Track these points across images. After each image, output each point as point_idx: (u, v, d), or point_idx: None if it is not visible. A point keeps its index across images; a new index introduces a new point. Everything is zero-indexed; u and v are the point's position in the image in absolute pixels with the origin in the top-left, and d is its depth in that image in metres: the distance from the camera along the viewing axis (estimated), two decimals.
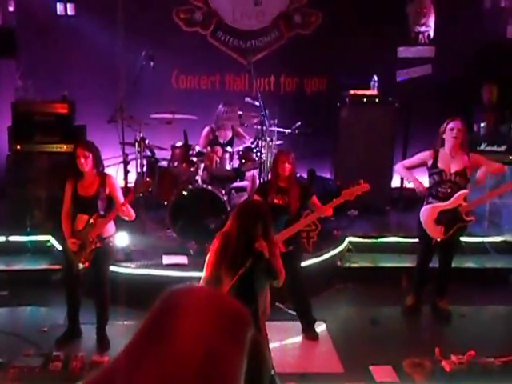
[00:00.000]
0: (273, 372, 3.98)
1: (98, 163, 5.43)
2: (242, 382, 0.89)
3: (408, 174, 6.36)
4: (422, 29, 8.62)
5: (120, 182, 7.55)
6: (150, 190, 6.07)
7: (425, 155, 6.12)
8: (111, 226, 5.52)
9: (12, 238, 7.16)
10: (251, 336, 0.98)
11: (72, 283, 5.51)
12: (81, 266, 5.35)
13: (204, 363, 0.84)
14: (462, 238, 6.54)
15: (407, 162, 6.44)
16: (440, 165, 5.99)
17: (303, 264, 6.13)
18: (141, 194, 5.60)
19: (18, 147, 7.56)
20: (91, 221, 5.31)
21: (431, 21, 8.62)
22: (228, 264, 4.01)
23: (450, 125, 5.94)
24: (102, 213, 5.36)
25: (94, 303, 5.56)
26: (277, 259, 4.19)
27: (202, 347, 0.85)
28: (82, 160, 5.28)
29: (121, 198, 5.43)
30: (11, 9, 8.68)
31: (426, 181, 6.29)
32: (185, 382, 0.80)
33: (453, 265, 6.31)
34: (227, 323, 0.93)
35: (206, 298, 0.96)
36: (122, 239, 6.71)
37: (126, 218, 5.51)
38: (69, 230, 5.39)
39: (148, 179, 6.22)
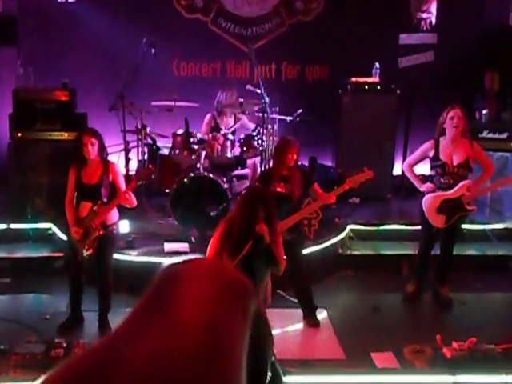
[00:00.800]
0: (274, 358, 4.00)
1: (103, 150, 5.45)
2: (245, 353, 0.88)
3: (415, 179, 6.28)
4: (424, 15, 8.58)
5: (121, 170, 7.56)
6: (152, 177, 6.06)
7: (426, 147, 6.08)
8: (114, 214, 5.53)
9: (13, 226, 7.17)
10: (255, 308, 0.97)
11: (75, 270, 5.52)
12: (85, 253, 5.36)
13: (205, 333, 0.83)
14: (464, 226, 6.54)
15: (412, 159, 6.35)
16: (442, 157, 5.96)
17: (304, 252, 6.13)
18: (143, 182, 5.58)
19: (19, 135, 7.55)
20: (95, 208, 5.32)
21: (433, 7, 8.59)
22: (230, 250, 4.03)
23: (450, 113, 5.90)
24: (105, 200, 5.36)
25: (96, 290, 5.57)
26: (278, 247, 4.20)
27: (203, 316, 0.84)
28: (90, 147, 5.28)
29: (123, 185, 5.44)
30: None
31: (427, 170, 6.28)
32: (186, 351, 0.79)
33: (454, 252, 6.30)
34: (230, 293, 0.92)
35: (208, 268, 0.95)
36: (123, 227, 6.73)
37: (128, 206, 5.52)
38: (73, 217, 5.39)
39: (150, 166, 6.22)
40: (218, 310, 0.86)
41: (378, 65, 8.34)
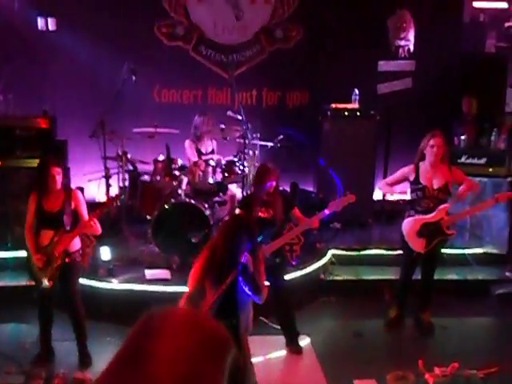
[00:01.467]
0: None
1: (64, 179, 5.35)
2: None
3: (390, 190, 6.42)
4: (402, 43, 8.71)
5: (102, 197, 7.53)
6: (118, 202, 5.96)
7: (406, 170, 6.16)
8: (76, 241, 5.41)
9: None
10: (232, 360, 0.97)
11: (41, 300, 5.38)
12: (45, 283, 5.22)
13: None
14: (444, 250, 6.58)
15: (390, 179, 6.47)
16: (422, 180, 6.03)
17: (286, 277, 6.12)
18: (109, 208, 5.50)
19: None
20: (56, 237, 5.20)
21: (411, 35, 8.72)
22: (212, 279, 4.01)
23: (431, 141, 5.98)
24: (67, 228, 5.26)
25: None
26: (260, 275, 4.19)
27: (178, 369, 0.84)
28: (57, 177, 5.19)
29: (86, 213, 5.33)
30: None
31: (407, 194, 6.33)
32: None
33: (435, 276, 6.34)
34: (207, 346, 0.92)
35: (185, 321, 0.95)
36: (104, 254, 6.68)
37: (93, 234, 5.46)
38: (33, 245, 5.26)
39: (115, 194, 6.13)
40: (194, 362, 0.86)
41: (357, 91, 8.43)
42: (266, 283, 4.34)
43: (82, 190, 7.87)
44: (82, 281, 6.34)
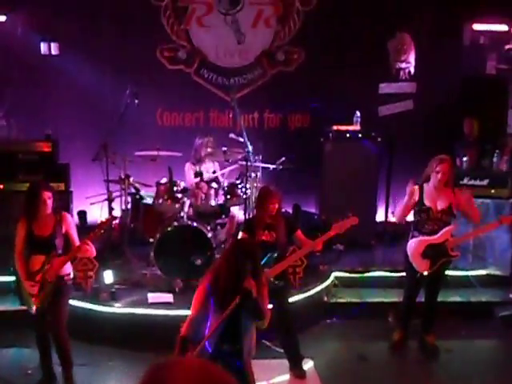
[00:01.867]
0: None
1: (55, 203, 5.24)
2: None
3: (405, 219, 6.33)
4: (403, 65, 8.77)
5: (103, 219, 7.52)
6: (112, 225, 5.86)
7: (412, 192, 6.13)
8: (67, 265, 5.31)
9: None
10: None
11: (36, 326, 5.29)
12: (33, 308, 5.13)
13: None
14: (447, 272, 6.55)
15: (404, 208, 6.23)
16: (427, 202, 6.03)
17: (290, 300, 6.09)
18: (103, 231, 5.43)
19: (1, 186, 7.52)
20: (48, 262, 5.11)
21: (411, 57, 8.78)
22: (216, 302, 3.99)
23: (438, 168, 5.96)
24: (59, 252, 5.19)
25: (77, 343, 5.43)
26: (264, 299, 4.17)
27: None
28: (48, 202, 5.12)
29: (76, 237, 5.27)
30: None
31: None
32: None
33: (438, 299, 6.31)
34: None
35: (193, 371, 0.95)
36: (106, 277, 6.66)
37: (87, 257, 5.42)
38: (24, 271, 5.17)
39: (108, 217, 6.05)
40: None
41: (358, 113, 8.46)
42: (269, 306, 4.32)
43: (84, 213, 7.94)
44: (85, 305, 6.35)
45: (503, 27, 8.98)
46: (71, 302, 6.02)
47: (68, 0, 8.76)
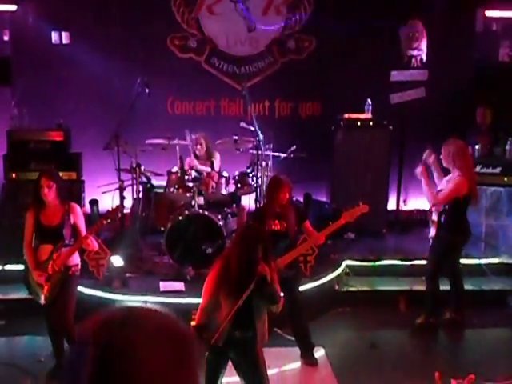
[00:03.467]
0: None
1: (62, 193, 5.26)
2: None
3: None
4: (415, 53, 8.70)
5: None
6: (118, 215, 5.85)
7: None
8: (76, 255, 5.35)
9: (8, 267, 7.11)
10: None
11: (45, 315, 5.33)
12: (42, 297, 5.17)
13: None
14: (460, 260, 6.55)
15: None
16: None
17: (301, 288, 6.10)
18: (106, 222, 5.44)
19: (14, 175, 7.56)
20: (56, 252, 5.15)
21: (423, 45, 8.70)
22: (229, 289, 3.98)
23: None
24: (67, 242, 5.21)
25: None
26: (276, 284, 4.17)
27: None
28: (46, 190, 5.12)
29: (83, 228, 5.29)
30: (6, 38, 8.75)
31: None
32: None
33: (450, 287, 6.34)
34: (174, 351, 0.97)
35: (155, 329, 1.00)
36: (116, 261, 6.68)
37: (89, 249, 5.46)
38: (33, 261, 5.20)
39: (116, 205, 6.01)
40: (164, 368, 0.89)
41: (370, 101, 8.41)
42: (281, 294, 4.32)
43: (96, 202, 7.96)
44: (97, 292, 6.38)
45: None
46: (83, 289, 6.08)
47: None
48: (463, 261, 6.94)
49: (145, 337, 0.95)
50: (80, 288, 5.74)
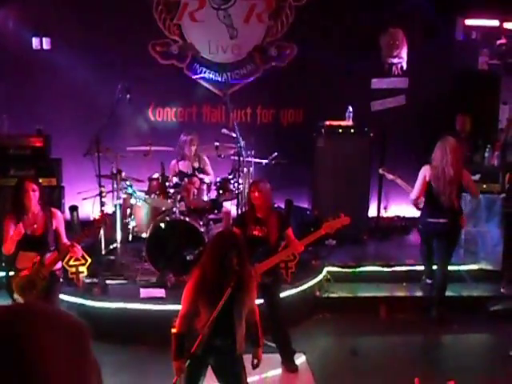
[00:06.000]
0: None
1: (43, 198, 5.22)
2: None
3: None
4: (395, 60, 8.77)
5: (96, 215, 7.51)
6: (106, 221, 5.82)
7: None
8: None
9: None
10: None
11: None
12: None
13: None
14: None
15: None
16: None
17: (282, 295, 6.10)
18: (95, 230, 5.41)
19: None
20: (43, 259, 5.10)
21: (404, 53, 8.78)
22: (206, 297, 3.98)
23: None
24: (52, 248, 5.19)
25: None
26: (251, 292, 4.16)
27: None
28: (31, 193, 5.07)
29: (64, 234, 5.26)
30: None
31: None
32: None
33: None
34: (71, 339, 1.00)
35: (50, 318, 1.02)
36: (96, 272, 6.65)
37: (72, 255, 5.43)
38: (15, 267, 5.15)
39: (101, 215, 6.01)
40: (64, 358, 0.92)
41: (351, 108, 8.46)
42: (261, 301, 4.31)
43: (76, 208, 7.91)
44: (77, 300, 6.33)
45: (495, 22, 9.00)
46: (63, 296, 6.03)
47: None
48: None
49: (43, 323, 0.97)
50: (60, 295, 5.70)
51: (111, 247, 7.37)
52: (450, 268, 7.36)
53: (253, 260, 5.07)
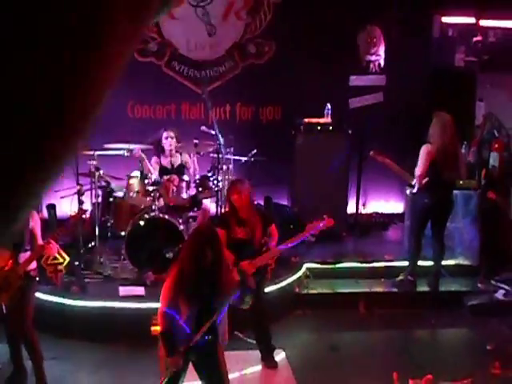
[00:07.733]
0: None
1: None
2: None
3: None
4: (373, 58, 8.82)
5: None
6: (82, 220, 5.73)
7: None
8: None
9: None
10: None
11: (5, 323, 5.22)
12: (4, 309, 5.07)
13: None
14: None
15: None
16: None
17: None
18: (68, 229, 5.37)
19: None
20: (15, 259, 5.03)
21: (381, 50, 8.84)
22: (185, 293, 4.00)
23: None
24: (27, 248, 5.13)
25: (45, 336, 5.36)
26: (232, 283, 4.20)
27: None
28: None
29: (39, 234, 5.21)
30: None
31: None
32: None
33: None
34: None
35: None
36: (77, 269, 6.62)
37: (47, 254, 5.39)
38: None
39: (75, 212, 5.98)
40: None
41: (329, 106, 8.50)
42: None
43: (53, 206, 7.85)
44: (55, 298, 6.30)
45: (471, 20, 9.08)
46: (41, 295, 6.00)
47: None
48: (420, 262, 7.09)
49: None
50: (38, 294, 5.66)
51: (90, 245, 7.34)
52: (426, 263, 7.46)
53: (239, 262, 5.13)
